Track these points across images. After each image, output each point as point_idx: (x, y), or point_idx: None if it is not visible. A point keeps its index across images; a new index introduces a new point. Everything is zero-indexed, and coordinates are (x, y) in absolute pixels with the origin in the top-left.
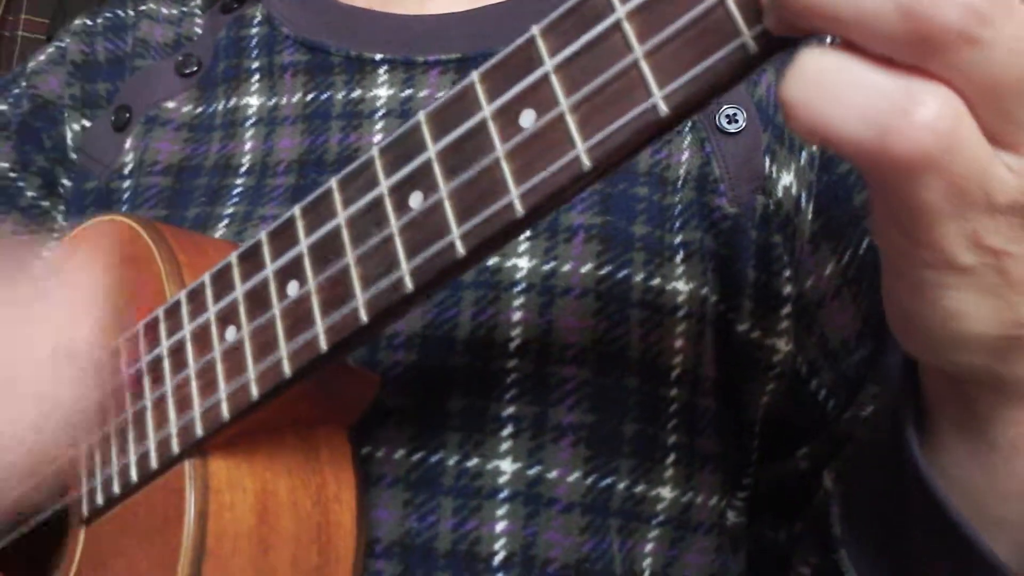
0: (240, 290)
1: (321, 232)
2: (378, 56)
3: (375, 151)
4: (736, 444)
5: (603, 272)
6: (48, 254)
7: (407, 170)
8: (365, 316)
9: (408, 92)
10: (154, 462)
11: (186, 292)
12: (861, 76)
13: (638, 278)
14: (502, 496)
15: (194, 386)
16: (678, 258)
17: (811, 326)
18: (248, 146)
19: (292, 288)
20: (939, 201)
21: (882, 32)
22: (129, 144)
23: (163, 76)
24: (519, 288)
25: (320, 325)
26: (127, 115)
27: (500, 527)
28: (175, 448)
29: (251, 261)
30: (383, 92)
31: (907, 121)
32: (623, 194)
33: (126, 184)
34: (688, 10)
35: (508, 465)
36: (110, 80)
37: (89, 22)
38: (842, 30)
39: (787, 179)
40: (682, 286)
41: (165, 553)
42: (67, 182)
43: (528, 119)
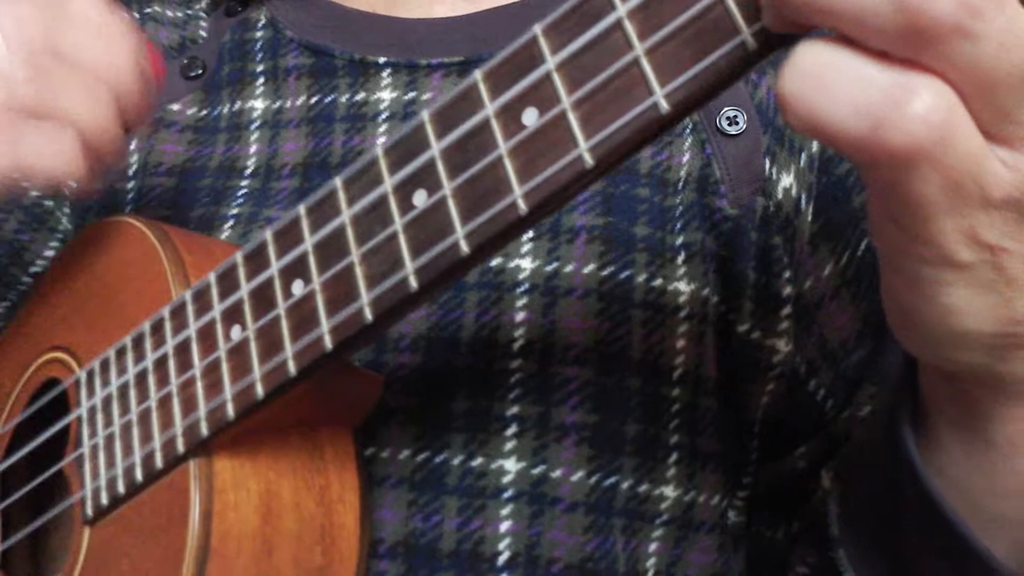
0: (245, 289)
1: (326, 231)
2: (381, 59)
3: (379, 150)
4: (736, 444)
5: (605, 273)
6: (54, 254)
7: (411, 169)
8: (370, 315)
9: (411, 95)
10: (159, 462)
11: (191, 292)
12: (856, 69)
13: (640, 279)
14: (506, 496)
15: (199, 385)
16: (679, 259)
17: (810, 327)
18: (253, 149)
19: (297, 287)
20: (935, 195)
21: (876, 25)
22: (134, 146)
23: (168, 78)
24: (522, 289)
25: (325, 324)
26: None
27: (504, 527)
28: (180, 448)
29: (256, 260)
30: (387, 95)
31: (901, 113)
32: (625, 195)
33: (130, 185)
34: (688, 8)
35: (512, 465)
36: None
37: None
38: (838, 24)
39: (787, 181)
40: (683, 287)
41: (169, 553)
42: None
43: (531, 117)
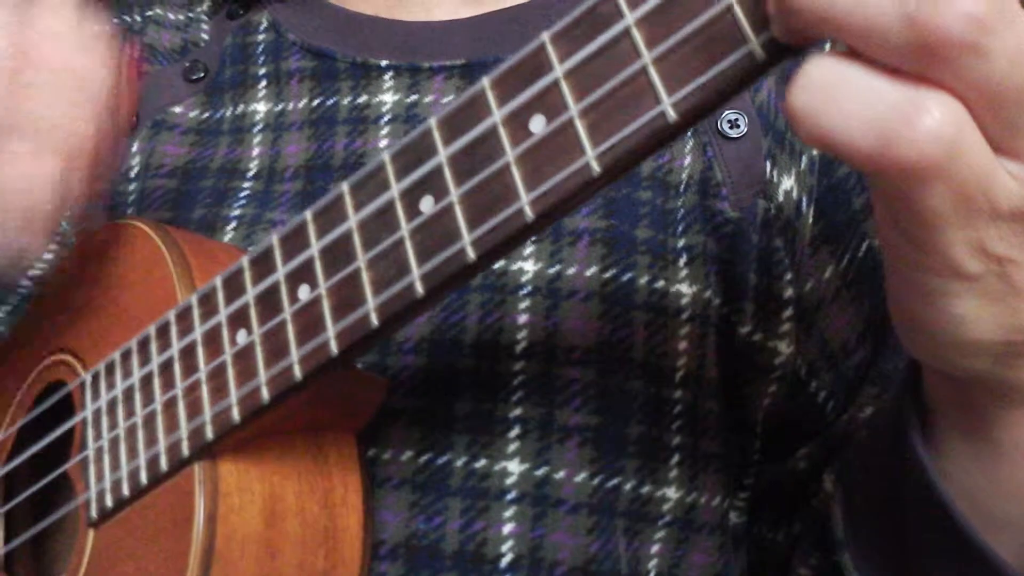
0: (251, 294)
1: (332, 236)
2: (383, 62)
3: (386, 156)
4: (738, 445)
5: (608, 275)
6: (53, 257)
7: (418, 175)
8: (376, 320)
9: (413, 98)
10: (164, 465)
11: (197, 295)
12: (866, 84)
13: (642, 281)
14: (509, 498)
15: (205, 389)
16: (681, 261)
17: (811, 328)
18: (256, 151)
19: (303, 292)
20: (944, 208)
21: (887, 41)
22: (136, 148)
23: (170, 81)
24: (525, 291)
25: (331, 329)
26: (134, 119)
27: (507, 529)
28: (185, 451)
29: (262, 265)
30: (388, 98)
31: (911, 128)
32: (627, 198)
33: (132, 187)
34: (696, 17)
35: (515, 466)
36: None
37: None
38: (848, 39)
39: (788, 183)
40: (685, 289)
41: (174, 555)
42: None
43: (538, 125)
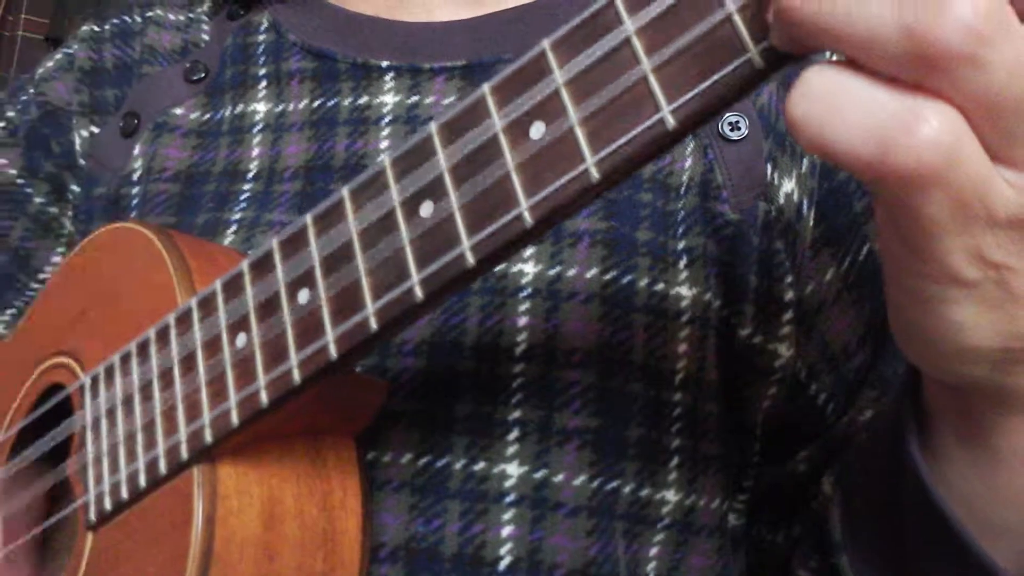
0: (251, 297)
1: (332, 241)
2: (384, 63)
3: (387, 161)
4: (737, 447)
5: (608, 277)
6: (61, 260)
7: (418, 180)
8: (375, 325)
9: (414, 99)
10: (163, 468)
11: (197, 299)
12: (865, 93)
13: (642, 283)
14: (508, 500)
15: (204, 393)
16: (681, 264)
17: (811, 331)
18: (256, 152)
19: (303, 296)
20: (942, 216)
21: (885, 51)
22: (138, 150)
23: (171, 82)
24: (525, 293)
25: (330, 334)
26: (135, 121)
27: (506, 531)
28: (184, 454)
29: (262, 269)
30: (389, 99)
31: (910, 137)
32: (627, 200)
33: (135, 191)
34: (695, 25)
35: (514, 469)
36: (118, 86)
37: (97, 28)
38: (847, 49)
39: (789, 186)
40: (686, 291)
41: (172, 558)
42: (76, 188)
43: (538, 131)
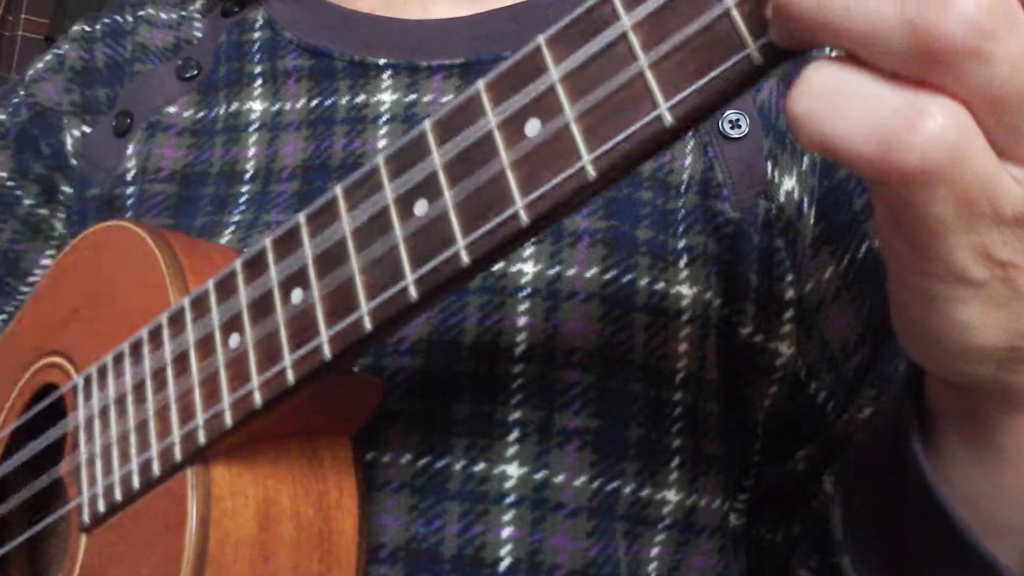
0: (244, 297)
1: (326, 240)
2: (382, 61)
3: (380, 159)
4: (738, 447)
5: (608, 276)
6: (50, 262)
7: (412, 178)
8: (370, 325)
9: (412, 97)
10: (156, 469)
11: (190, 299)
12: (867, 90)
13: (642, 282)
14: (508, 501)
15: (197, 393)
16: (682, 262)
17: (811, 330)
18: (252, 152)
19: (296, 296)
20: (947, 214)
21: (887, 46)
22: (131, 150)
23: (163, 80)
24: (524, 293)
25: (324, 334)
26: (128, 120)
27: (506, 532)
28: (178, 456)
29: (255, 268)
30: (387, 97)
31: (912, 133)
32: (627, 198)
33: (129, 190)
34: (693, 21)
35: (514, 470)
36: (110, 86)
37: (88, 28)
38: (847, 44)
39: (789, 184)
40: (686, 290)
41: (166, 560)
42: (67, 189)
43: (534, 128)
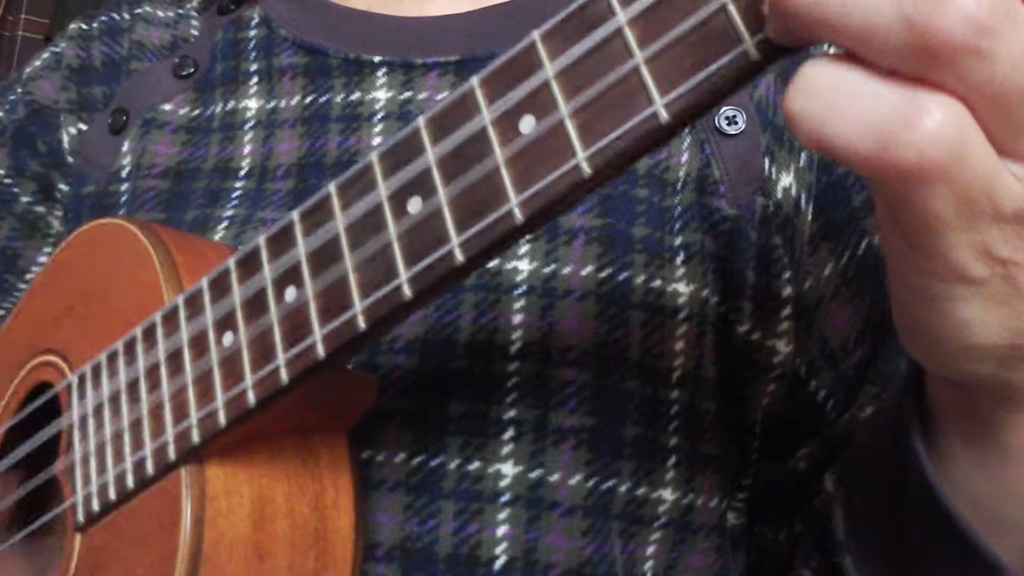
0: (238, 296)
1: (320, 238)
2: (377, 58)
3: (374, 156)
4: (736, 445)
5: (604, 274)
6: (47, 259)
7: (406, 176)
8: (363, 323)
9: (407, 94)
10: (151, 468)
11: (184, 297)
12: (864, 87)
13: (639, 280)
14: (503, 500)
15: (191, 392)
16: (678, 260)
17: (810, 327)
18: (247, 149)
19: (290, 294)
20: (946, 212)
21: (885, 43)
22: (127, 147)
23: (160, 78)
24: (520, 291)
25: (318, 332)
26: (124, 118)
27: (501, 531)
28: (172, 455)
29: (249, 266)
30: (382, 94)
31: (911, 131)
32: (623, 196)
33: (124, 187)
34: (689, 16)
35: (509, 468)
36: (106, 84)
37: (85, 26)
38: (845, 40)
39: (786, 180)
40: (683, 288)
41: (161, 559)
42: (64, 186)
43: (528, 125)
